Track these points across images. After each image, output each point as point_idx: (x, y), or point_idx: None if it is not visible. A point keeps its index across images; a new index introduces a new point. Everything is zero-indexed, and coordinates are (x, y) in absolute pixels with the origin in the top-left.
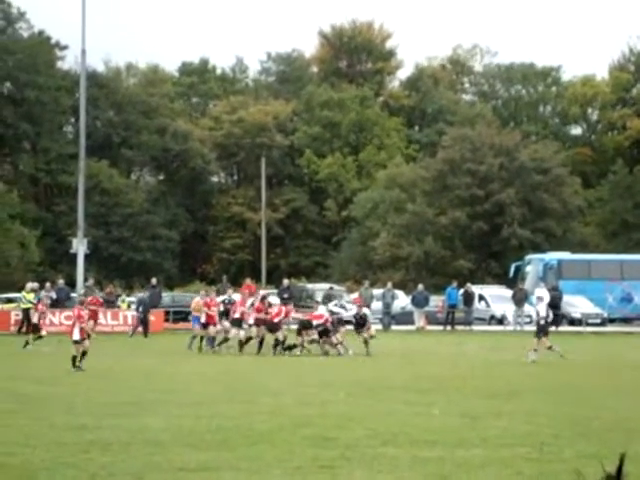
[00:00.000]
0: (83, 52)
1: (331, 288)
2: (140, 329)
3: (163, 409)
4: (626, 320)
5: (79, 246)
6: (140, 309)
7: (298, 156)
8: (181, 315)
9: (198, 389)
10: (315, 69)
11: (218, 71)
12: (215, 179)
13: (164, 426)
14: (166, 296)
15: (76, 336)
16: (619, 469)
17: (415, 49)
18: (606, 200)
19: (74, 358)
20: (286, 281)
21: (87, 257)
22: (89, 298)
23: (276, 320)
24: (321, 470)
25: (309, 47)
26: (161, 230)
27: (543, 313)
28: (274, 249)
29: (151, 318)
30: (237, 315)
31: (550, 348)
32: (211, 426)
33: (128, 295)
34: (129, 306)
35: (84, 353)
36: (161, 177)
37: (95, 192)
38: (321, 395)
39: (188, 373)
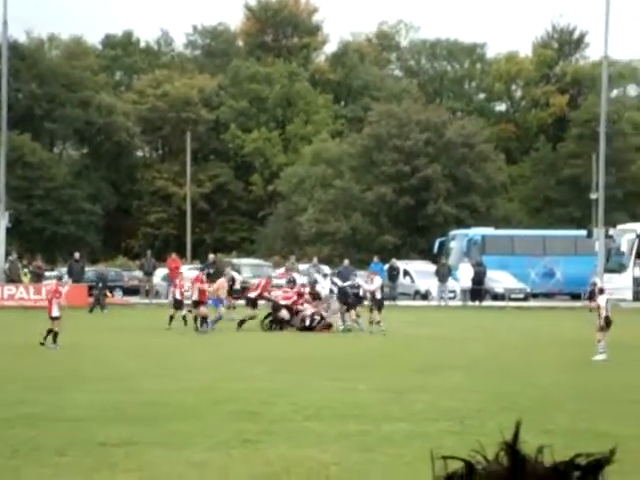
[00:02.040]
0: (5, 23)
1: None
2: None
3: (89, 384)
4: (548, 295)
5: (0, 220)
6: (100, 284)
7: (224, 131)
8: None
9: (124, 364)
10: (241, 43)
11: (142, 44)
12: (140, 153)
13: (89, 401)
14: (89, 270)
15: (55, 312)
16: (515, 436)
17: (341, 24)
18: (529, 176)
19: (55, 334)
20: (212, 256)
21: (9, 231)
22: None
23: (252, 295)
24: (245, 444)
25: (235, 20)
26: (85, 204)
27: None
28: (199, 224)
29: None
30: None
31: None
32: (136, 401)
33: (52, 269)
34: (31, 279)
35: (55, 333)
36: (85, 151)
37: (17, 165)
38: (247, 371)
39: (114, 348)
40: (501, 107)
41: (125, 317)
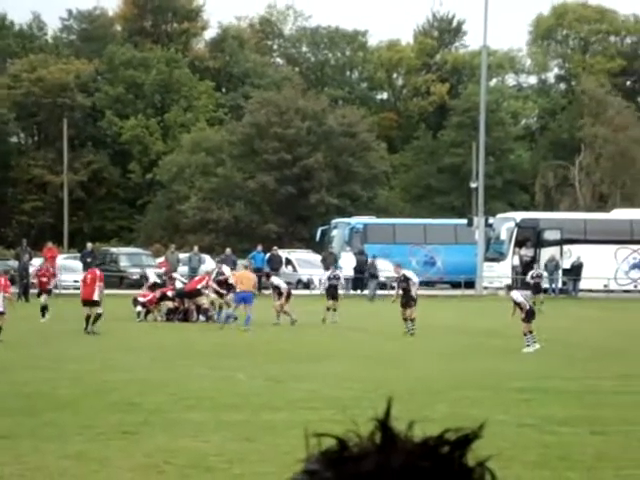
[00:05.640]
0: None
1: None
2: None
3: None
4: (429, 283)
5: None
6: (23, 273)
7: (101, 117)
8: None
9: None
10: (119, 28)
11: (16, 27)
12: (14, 140)
13: None
14: None
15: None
16: (386, 413)
17: (224, 8)
18: (410, 165)
19: None
20: (90, 245)
21: None
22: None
23: (198, 287)
24: (124, 436)
25: (112, 5)
26: None
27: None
28: (77, 212)
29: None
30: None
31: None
32: (11, 393)
33: None
34: None
35: None
36: None
37: None
38: (125, 361)
39: None
40: (383, 96)
41: None
